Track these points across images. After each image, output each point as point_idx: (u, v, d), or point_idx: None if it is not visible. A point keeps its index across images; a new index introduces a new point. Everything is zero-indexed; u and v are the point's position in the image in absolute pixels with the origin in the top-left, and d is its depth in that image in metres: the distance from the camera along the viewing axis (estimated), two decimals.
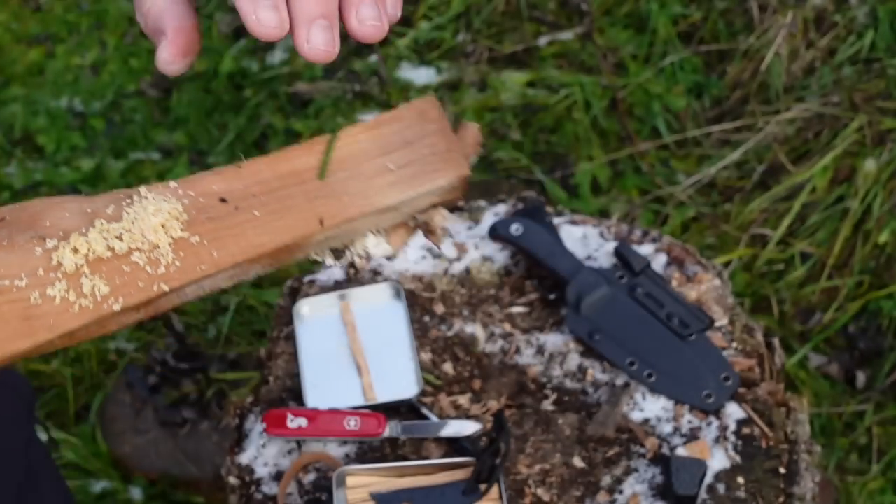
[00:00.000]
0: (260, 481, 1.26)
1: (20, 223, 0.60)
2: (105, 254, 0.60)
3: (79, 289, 0.58)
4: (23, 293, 0.57)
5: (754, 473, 1.22)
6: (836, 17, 2.64)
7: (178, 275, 0.60)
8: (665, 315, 1.32)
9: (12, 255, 0.58)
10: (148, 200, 0.65)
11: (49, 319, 0.56)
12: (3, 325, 0.55)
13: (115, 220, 0.63)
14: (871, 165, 2.32)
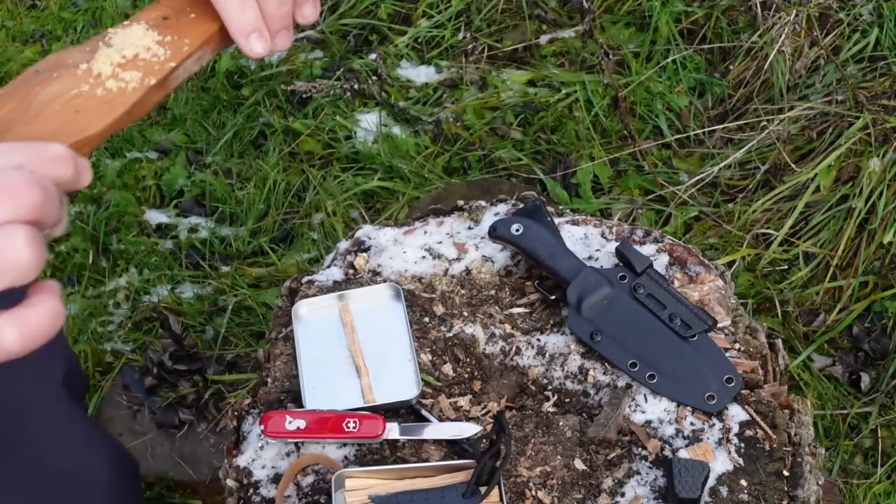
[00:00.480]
0: (258, 484, 1.25)
1: (51, 67, 0.88)
2: (121, 60, 0.89)
3: (123, 79, 0.88)
4: (91, 91, 0.86)
5: (757, 476, 1.22)
6: (840, 14, 2.63)
7: (174, 56, 0.91)
8: (667, 316, 1.31)
9: (65, 80, 0.87)
10: (122, 32, 0.93)
11: (118, 98, 0.86)
12: (92, 110, 0.85)
13: (110, 47, 0.91)
14: (876, 164, 2.31)
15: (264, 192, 2.56)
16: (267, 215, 2.56)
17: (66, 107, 0.85)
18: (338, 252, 1.46)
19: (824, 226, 2.35)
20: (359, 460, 1.25)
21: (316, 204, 2.54)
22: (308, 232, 2.50)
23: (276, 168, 2.60)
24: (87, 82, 0.87)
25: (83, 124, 0.84)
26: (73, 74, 0.87)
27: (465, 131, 2.65)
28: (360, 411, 1.25)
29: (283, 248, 2.50)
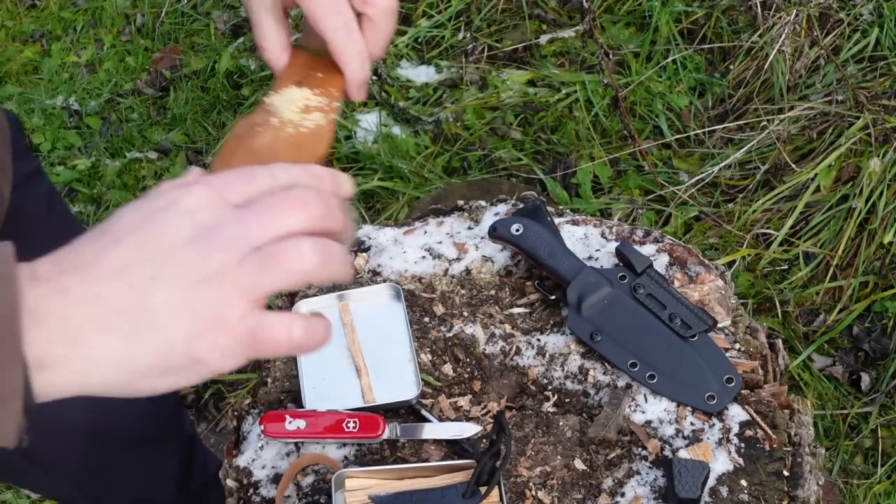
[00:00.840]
0: (258, 483, 1.25)
1: (247, 129, 1.02)
2: (302, 108, 1.06)
3: (313, 119, 1.04)
4: (298, 132, 1.03)
5: (757, 476, 1.21)
6: (840, 14, 2.63)
7: (334, 99, 1.07)
8: (667, 316, 1.31)
9: (271, 130, 1.02)
10: (280, 95, 1.07)
11: (320, 131, 1.04)
12: (308, 143, 1.02)
13: (282, 105, 1.07)
14: (876, 164, 2.31)
15: None
16: None
17: (289, 146, 1.02)
18: None
19: (824, 226, 2.35)
20: (359, 460, 1.25)
21: None
22: None
23: None
24: (289, 127, 1.04)
25: (309, 153, 1.02)
26: (273, 126, 1.03)
27: (465, 131, 2.65)
28: (359, 411, 1.25)
29: None
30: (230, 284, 0.72)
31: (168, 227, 0.73)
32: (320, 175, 0.81)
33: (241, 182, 0.77)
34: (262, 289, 0.73)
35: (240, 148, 1.01)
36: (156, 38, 2.96)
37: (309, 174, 0.80)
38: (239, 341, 0.73)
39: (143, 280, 0.71)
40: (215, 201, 0.74)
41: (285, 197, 0.75)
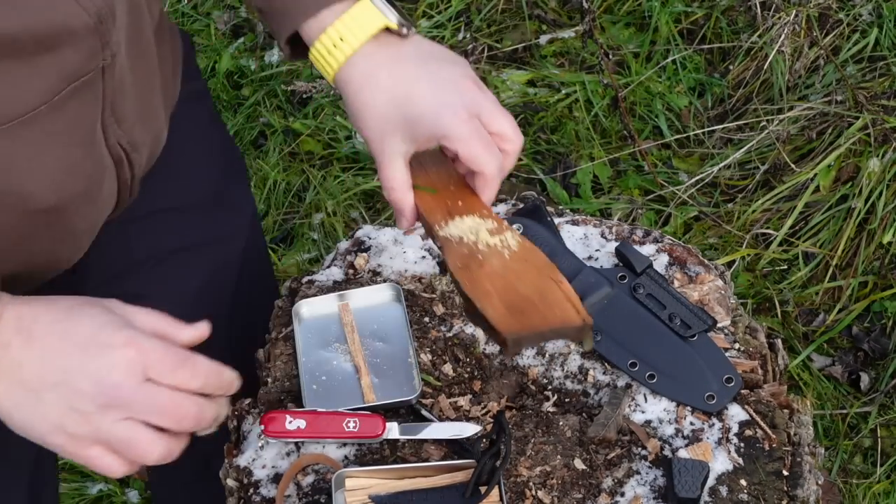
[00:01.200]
0: (258, 483, 1.25)
1: (463, 258, 1.16)
2: (491, 231, 1.18)
3: (509, 236, 1.17)
4: (512, 250, 1.16)
5: (757, 476, 1.22)
6: (840, 14, 2.63)
7: (488, 213, 1.20)
8: (667, 316, 1.31)
9: (491, 257, 1.16)
10: (455, 224, 1.20)
11: (527, 243, 1.17)
12: (529, 251, 1.16)
13: (470, 232, 1.19)
14: (875, 165, 2.31)
15: (264, 192, 2.56)
16: (267, 215, 2.56)
17: (520, 261, 1.16)
18: (338, 252, 1.46)
19: (824, 226, 2.35)
20: (359, 460, 1.25)
21: (316, 204, 2.54)
22: (308, 232, 2.50)
23: (277, 168, 2.60)
24: (500, 250, 1.17)
25: (536, 260, 1.16)
26: (489, 251, 1.17)
27: None
28: (360, 411, 1.25)
29: (284, 248, 2.50)
30: (93, 428, 0.95)
31: (94, 368, 0.94)
32: (221, 383, 1.00)
33: (167, 368, 0.95)
34: (110, 444, 0.96)
35: (483, 276, 1.14)
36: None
37: (217, 380, 1.00)
38: (78, 457, 0.98)
39: (46, 385, 0.94)
40: (136, 370, 0.94)
41: (176, 404, 0.96)
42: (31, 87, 0.97)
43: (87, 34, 1.00)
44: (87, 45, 1.00)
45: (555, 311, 1.11)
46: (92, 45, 1.01)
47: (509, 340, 1.08)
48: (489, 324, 1.11)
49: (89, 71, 1.02)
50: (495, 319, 1.10)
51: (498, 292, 1.13)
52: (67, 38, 0.98)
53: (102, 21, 1.00)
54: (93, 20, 0.99)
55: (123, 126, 1.13)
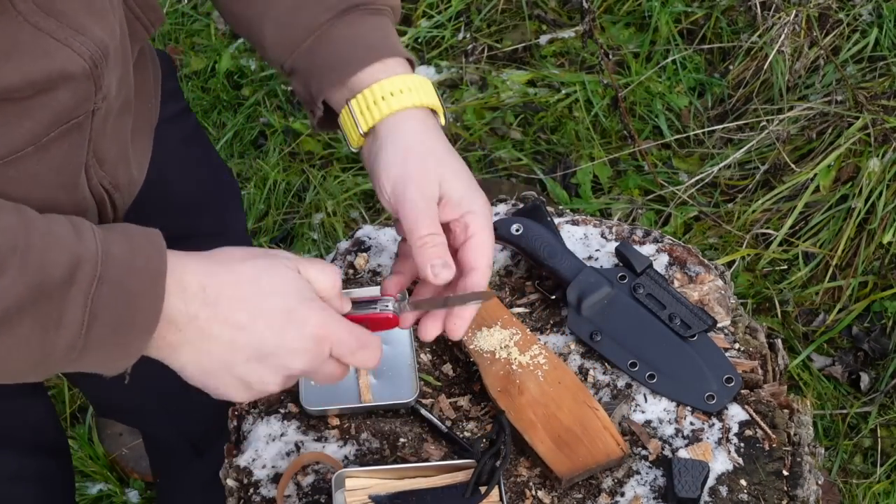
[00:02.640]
0: (258, 483, 1.25)
1: (500, 379, 1.27)
2: (515, 346, 1.29)
3: (533, 353, 1.29)
4: (542, 367, 1.28)
5: (757, 476, 1.21)
6: (840, 14, 2.63)
7: (508, 318, 1.31)
8: (667, 316, 1.31)
9: (530, 381, 1.26)
10: (482, 336, 1.31)
11: (553, 357, 1.29)
12: (560, 369, 1.28)
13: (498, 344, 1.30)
14: (875, 164, 2.31)
15: (264, 192, 2.56)
16: (267, 215, 2.56)
17: (552, 383, 1.25)
18: (338, 252, 1.46)
19: (824, 226, 2.35)
20: (359, 460, 1.25)
21: (316, 204, 2.54)
22: (308, 232, 2.50)
23: (277, 168, 2.60)
24: (534, 371, 1.26)
25: (568, 384, 1.25)
26: (524, 376, 1.25)
27: (465, 131, 2.65)
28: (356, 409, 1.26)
29: (284, 248, 2.50)
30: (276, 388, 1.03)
31: (284, 351, 0.99)
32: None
33: (349, 350, 1.02)
34: None
35: (525, 404, 1.23)
36: (156, 38, 2.96)
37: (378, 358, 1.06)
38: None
39: (241, 360, 0.98)
40: (323, 351, 1.01)
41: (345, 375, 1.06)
42: (21, 129, 0.97)
43: (83, 78, 1.00)
44: (82, 88, 1.00)
45: (598, 444, 1.21)
46: (86, 89, 1.01)
47: (564, 482, 1.20)
48: (539, 458, 1.21)
49: (81, 114, 1.02)
50: (547, 457, 1.20)
51: (542, 422, 1.22)
52: (62, 83, 0.98)
53: (97, 65, 1.00)
54: (88, 64, 0.99)
55: (105, 167, 1.12)
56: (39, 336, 0.89)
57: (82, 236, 0.91)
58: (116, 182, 1.16)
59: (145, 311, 0.93)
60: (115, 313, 0.91)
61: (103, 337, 0.92)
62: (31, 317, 0.88)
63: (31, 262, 0.87)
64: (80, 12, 0.99)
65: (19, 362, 0.92)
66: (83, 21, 0.99)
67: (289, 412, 1.28)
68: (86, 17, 1.00)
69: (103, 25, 1.02)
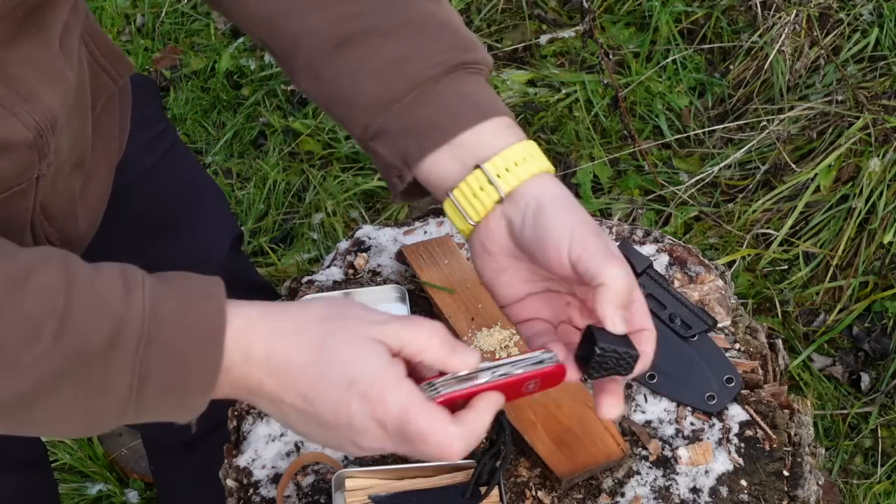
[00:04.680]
0: (258, 484, 1.25)
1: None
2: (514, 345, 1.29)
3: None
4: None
5: (757, 476, 1.21)
6: (840, 14, 2.63)
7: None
8: (667, 316, 1.31)
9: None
10: (482, 336, 1.30)
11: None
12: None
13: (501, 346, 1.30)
14: (876, 164, 2.31)
15: (264, 192, 2.56)
16: (267, 215, 2.56)
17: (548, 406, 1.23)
18: (338, 252, 1.45)
19: (824, 226, 2.35)
20: (359, 460, 1.25)
21: (316, 204, 2.54)
22: (308, 232, 2.50)
23: (276, 168, 2.60)
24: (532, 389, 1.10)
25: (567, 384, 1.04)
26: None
27: None
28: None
29: (283, 248, 2.50)
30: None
31: (349, 431, 0.88)
32: None
33: (410, 444, 0.88)
34: None
35: (525, 404, 1.21)
36: (156, 38, 2.96)
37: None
38: None
39: (314, 426, 0.89)
40: (394, 439, 0.88)
41: None
42: None
43: (26, 148, 0.97)
44: (25, 158, 0.98)
45: (598, 444, 1.21)
46: (29, 158, 0.98)
47: (564, 483, 1.19)
48: (539, 458, 1.20)
49: (24, 181, 1.00)
50: (547, 457, 1.20)
51: (542, 422, 1.21)
52: (3, 153, 0.95)
53: (42, 135, 0.97)
54: (32, 134, 0.96)
55: (54, 223, 1.09)
56: (84, 403, 0.83)
57: (130, 294, 0.84)
58: (66, 237, 1.12)
59: (201, 372, 0.85)
60: (167, 374, 0.84)
61: (156, 398, 0.84)
62: (71, 384, 0.81)
63: (70, 328, 0.80)
64: (31, 78, 0.95)
65: (67, 426, 0.86)
66: (34, 88, 0.95)
67: None
68: (37, 83, 0.96)
69: (55, 93, 0.98)
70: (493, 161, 1.01)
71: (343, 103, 1.07)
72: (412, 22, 1.06)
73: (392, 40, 1.05)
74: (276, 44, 1.10)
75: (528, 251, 0.99)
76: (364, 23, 1.06)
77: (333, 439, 0.89)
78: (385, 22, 1.06)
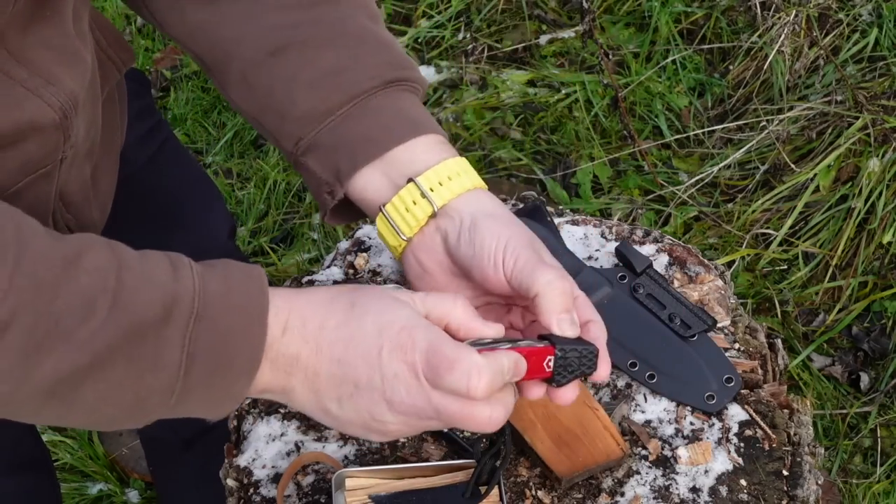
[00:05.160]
0: (258, 483, 1.25)
1: None
2: None
3: None
4: None
5: (757, 475, 1.22)
6: (839, 14, 2.63)
7: None
8: (667, 316, 1.31)
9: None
10: None
11: None
12: None
13: None
14: (875, 165, 2.31)
15: (264, 192, 2.56)
16: (267, 215, 2.56)
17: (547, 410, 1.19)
18: (338, 252, 1.46)
19: (824, 226, 2.35)
20: (359, 460, 1.25)
21: (316, 204, 2.54)
22: (308, 232, 2.50)
23: (277, 168, 2.60)
24: None
25: None
26: None
27: (465, 131, 2.65)
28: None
29: (284, 248, 2.50)
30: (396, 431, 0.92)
31: (385, 384, 0.88)
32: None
33: (439, 380, 0.88)
34: None
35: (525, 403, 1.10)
36: (156, 38, 2.96)
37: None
38: None
39: (346, 394, 0.89)
40: (424, 386, 0.89)
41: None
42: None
43: (53, 129, 0.98)
44: (52, 139, 0.99)
45: (598, 444, 1.20)
46: (56, 140, 0.99)
47: (564, 483, 1.19)
48: (539, 458, 1.19)
49: (49, 163, 1.00)
50: (547, 457, 1.19)
51: (542, 422, 1.19)
52: (32, 134, 0.96)
53: (67, 115, 0.98)
54: (58, 115, 0.97)
55: (71, 210, 1.11)
56: (134, 380, 0.84)
57: (179, 272, 0.86)
58: (83, 224, 1.13)
59: (245, 351, 0.87)
60: (214, 353, 0.85)
61: (202, 379, 0.86)
62: (124, 359, 0.83)
63: (123, 302, 0.82)
64: (50, 61, 0.96)
65: (114, 408, 0.86)
66: (54, 70, 0.96)
67: (289, 412, 1.29)
68: (57, 65, 0.97)
69: (74, 74, 0.99)
70: (426, 175, 1.01)
71: (275, 115, 1.06)
72: (350, 35, 1.06)
73: (329, 51, 1.04)
74: (208, 54, 1.09)
75: (464, 267, 1.00)
76: (301, 33, 1.05)
77: (368, 410, 0.90)
78: (322, 33, 1.05)
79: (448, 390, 0.87)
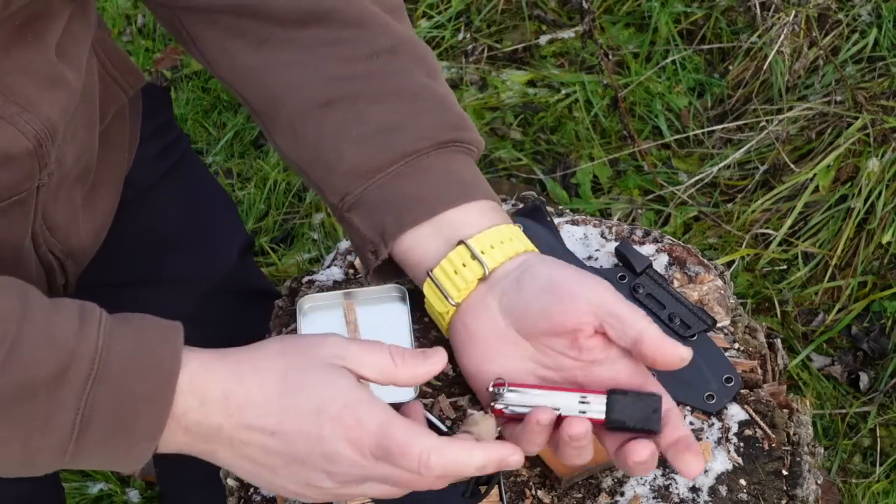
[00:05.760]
0: None
1: None
2: None
3: None
4: None
5: (756, 475, 1.22)
6: (839, 15, 2.63)
7: None
8: (667, 316, 1.31)
9: None
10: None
11: None
12: None
13: None
14: (875, 165, 2.31)
15: (265, 192, 2.57)
16: (267, 215, 2.56)
17: None
18: (338, 252, 1.46)
19: (823, 226, 2.36)
20: None
21: (316, 204, 2.54)
22: (308, 232, 2.50)
23: (277, 168, 2.61)
24: None
25: None
26: None
27: None
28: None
29: (284, 248, 2.50)
30: (333, 494, 0.89)
31: (323, 460, 0.85)
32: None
33: (389, 461, 0.86)
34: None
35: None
36: (156, 38, 2.96)
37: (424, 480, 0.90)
38: None
39: (280, 464, 0.86)
40: (366, 464, 0.86)
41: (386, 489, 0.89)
42: None
43: (26, 157, 0.95)
44: (25, 167, 0.96)
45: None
46: (30, 167, 0.97)
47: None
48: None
49: (23, 191, 0.98)
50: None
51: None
52: (4, 162, 0.93)
53: (42, 144, 0.96)
54: (32, 144, 0.95)
55: (57, 234, 1.08)
56: (22, 438, 0.80)
57: (85, 329, 0.81)
58: (69, 248, 1.11)
59: (148, 417, 0.82)
60: (112, 416, 0.81)
61: (98, 441, 0.81)
62: (11, 417, 0.78)
63: (17, 357, 0.78)
64: (29, 87, 0.94)
65: (1, 461, 0.83)
66: (32, 97, 0.94)
67: None
68: (36, 91, 0.94)
69: (53, 101, 0.97)
70: (476, 238, 0.97)
71: (322, 167, 1.03)
72: (405, 91, 1.02)
73: (382, 107, 1.01)
74: (257, 99, 1.05)
75: (531, 313, 0.96)
76: (354, 86, 1.01)
77: (304, 478, 0.87)
78: (376, 88, 1.01)
79: (398, 468, 0.86)
